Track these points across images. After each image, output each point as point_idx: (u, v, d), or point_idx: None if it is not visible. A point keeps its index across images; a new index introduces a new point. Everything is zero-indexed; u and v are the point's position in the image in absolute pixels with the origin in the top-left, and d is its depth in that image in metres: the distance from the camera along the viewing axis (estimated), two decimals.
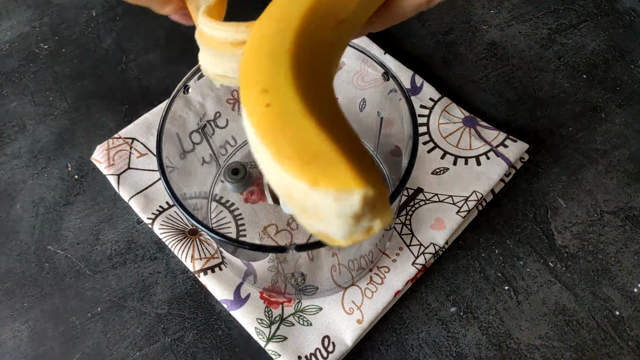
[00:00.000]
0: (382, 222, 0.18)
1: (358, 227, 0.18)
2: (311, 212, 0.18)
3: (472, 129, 0.46)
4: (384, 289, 0.39)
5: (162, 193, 0.44)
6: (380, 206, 0.18)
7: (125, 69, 0.53)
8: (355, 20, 0.24)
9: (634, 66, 0.51)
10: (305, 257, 0.34)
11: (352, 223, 0.18)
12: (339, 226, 0.18)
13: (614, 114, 0.48)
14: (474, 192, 0.42)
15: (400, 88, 0.35)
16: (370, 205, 0.18)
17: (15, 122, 0.50)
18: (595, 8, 0.55)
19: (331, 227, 0.18)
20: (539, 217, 0.43)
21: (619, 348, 0.38)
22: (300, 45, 0.21)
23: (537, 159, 0.46)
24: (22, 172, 0.47)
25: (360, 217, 0.18)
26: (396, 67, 0.50)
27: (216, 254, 0.41)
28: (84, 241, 0.43)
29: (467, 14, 0.55)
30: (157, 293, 0.41)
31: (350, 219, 0.18)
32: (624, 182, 0.45)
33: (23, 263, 0.43)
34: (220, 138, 0.44)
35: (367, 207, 0.17)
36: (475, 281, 0.41)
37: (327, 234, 0.19)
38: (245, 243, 0.30)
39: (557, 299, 0.40)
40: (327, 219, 0.18)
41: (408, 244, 0.41)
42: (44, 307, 0.41)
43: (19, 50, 0.55)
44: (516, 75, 0.51)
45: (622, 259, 0.41)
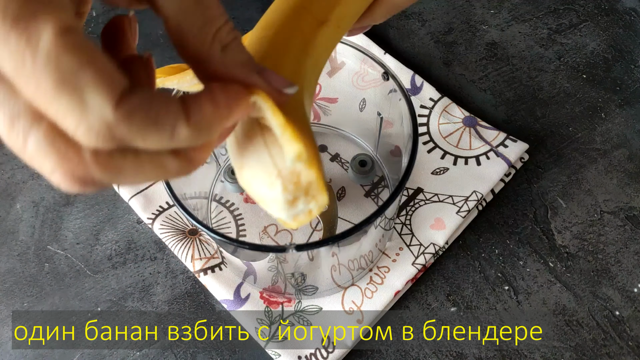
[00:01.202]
0: (317, 205, 0.21)
1: (295, 209, 0.21)
2: (259, 199, 0.22)
3: (472, 129, 0.46)
4: (384, 289, 0.39)
5: (162, 193, 0.44)
6: (312, 191, 0.21)
7: None
8: (339, 22, 0.25)
9: (634, 66, 0.51)
10: (305, 257, 0.34)
11: (288, 207, 0.21)
12: (278, 210, 0.22)
13: (614, 114, 0.48)
14: (474, 192, 0.42)
15: (400, 88, 0.35)
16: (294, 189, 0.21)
17: None
18: (595, 8, 0.55)
19: (276, 210, 0.22)
20: (539, 217, 0.43)
21: (619, 348, 0.38)
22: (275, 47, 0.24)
23: (537, 159, 0.46)
24: (22, 172, 0.47)
25: (293, 202, 0.21)
26: (396, 67, 0.50)
27: (216, 254, 0.41)
28: (84, 241, 0.43)
29: (467, 14, 0.55)
30: (157, 293, 0.41)
31: (286, 205, 0.21)
32: (624, 182, 0.45)
33: (23, 263, 0.43)
34: None
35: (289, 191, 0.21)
36: (475, 281, 0.41)
37: (280, 217, 0.22)
38: (245, 243, 0.30)
39: (557, 299, 0.40)
40: (269, 204, 0.22)
41: (408, 244, 0.41)
42: (44, 307, 0.41)
43: None
44: (516, 75, 0.51)
45: (622, 259, 0.41)
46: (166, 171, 0.18)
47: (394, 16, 0.55)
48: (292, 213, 0.22)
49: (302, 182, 0.21)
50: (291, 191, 0.21)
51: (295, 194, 0.21)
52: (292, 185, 0.21)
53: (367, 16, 0.27)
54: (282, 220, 0.22)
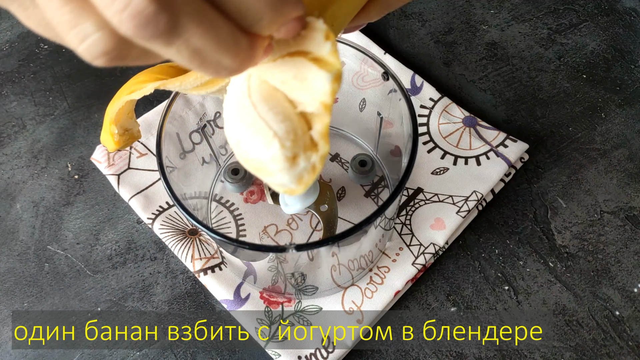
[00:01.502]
0: (319, 156, 0.21)
1: (297, 168, 0.21)
2: (260, 167, 0.22)
3: (472, 129, 0.46)
4: (384, 289, 0.39)
5: (162, 193, 0.44)
6: (309, 143, 0.21)
7: (125, 69, 0.53)
8: (333, 22, 0.25)
9: (634, 66, 0.51)
10: (305, 257, 0.34)
11: (289, 165, 0.21)
12: (280, 170, 0.21)
13: (614, 114, 0.48)
14: (474, 192, 0.42)
15: (400, 88, 0.35)
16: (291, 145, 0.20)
17: (15, 122, 0.50)
18: (595, 8, 0.55)
19: (277, 175, 0.21)
20: (539, 217, 0.43)
21: (619, 348, 0.38)
22: None
23: (537, 159, 0.46)
24: (22, 172, 0.47)
25: (293, 160, 0.21)
26: (396, 67, 0.50)
27: (216, 254, 0.41)
28: (84, 241, 0.43)
29: (467, 14, 0.55)
30: (157, 293, 0.41)
31: (286, 163, 0.21)
32: (624, 182, 0.45)
33: (23, 263, 0.43)
34: (220, 138, 0.44)
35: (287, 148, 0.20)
36: (475, 281, 0.41)
37: (284, 185, 0.22)
38: (245, 243, 0.30)
39: (557, 299, 0.40)
40: (269, 168, 0.21)
41: (408, 244, 0.41)
42: (44, 307, 0.41)
43: (19, 50, 0.55)
44: (516, 75, 0.51)
45: (622, 259, 0.41)
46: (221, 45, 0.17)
47: (394, 16, 0.55)
48: (294, 174, 0.21)
49: (299, 136, 0.21)
50: (289, 148, 0.20)
51: (294, 150, 0.21)
52: (290, 142, 0.20)
53: (362, 15, 0.27)
54: (288, 190, 0.22)
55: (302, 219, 0.43)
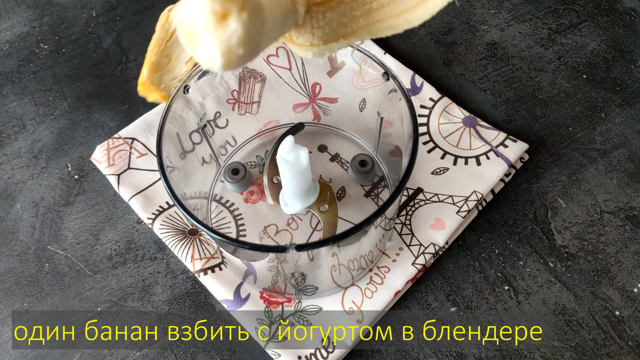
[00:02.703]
0: (240, 16, 0.18)
1: (226, 29, 0.18)
2: (190, 31, 0.19)
3: (472, 129, 0.46)
4: (384, 289, 0.39)
5: (162, 193, 0.44)
6: (237, 1, 0.18)
7: (125, 69, 0.53)
8: None
9: (634, 66, 0.51)
10: (305, 257, 0.34)
11: (214, 20, 0.18)
12: (205, 27, 0.18)
13: (614, 114, 0.48)
14: (474, 192, 0.42)
15: (400, 88, 0.35)
16: None
17: (15, 122, 0.50)
18: (595, 8, 0.55)
19: (203, 38, 0.18)
20: (539, 217, 0.43)
21: (619, 348, 0.38)
22: None
23: (537, 159, 0.46)
24: (22, 172, 0.47)
25: (222, 16, 0.18)
26: (396, 67, 0.50)
27: (216, 254, 0.41)
28: (84, 241, 0.43)
29: (467, 14, 0.56)
30: (157, 293, 0.41)
31: (211, 16, 0.18)
32: (624, 182, 0.45)
33: (23, 263, 0.43)
34: (220, 138, 0.44)
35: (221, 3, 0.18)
36: (475, 281, 0.41)
37: (207, 52, 0.19)
38: (245, 243, 0.30)
39: (557, 299, 0.40)
40: (196, 27, 0.18)
41: (408, 244, 0.41)
42: (44, 307, 0.41)
43: (19, 50, 0.55)
44: (516, 75, 0.51)
45: (622, 259, 0.41)
46: None
47: None
48: (222, 37, 0.18)
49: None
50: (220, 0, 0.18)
51: (226, 5, 0.18)
52: None
53: None
54: (208, 57, 0.19)
55: (302, 219, 0.43)
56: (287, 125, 0.46)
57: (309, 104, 0.46)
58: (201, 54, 0.19)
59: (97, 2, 0.58)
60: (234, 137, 0.45)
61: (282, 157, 0.35)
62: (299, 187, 0.38)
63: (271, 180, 0.42)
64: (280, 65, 0.44)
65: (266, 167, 0.42)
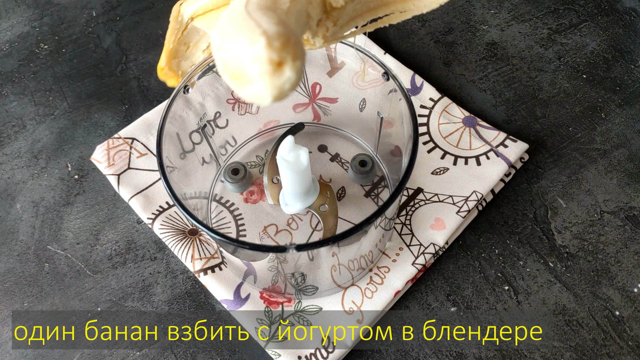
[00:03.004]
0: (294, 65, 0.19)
1: (281, 76, 0.19)
2: (240, 73, 0.19)
3: (472, 129, 0.46)
4: (384, 289, 0.39)
5: (162, 193, 0.44)
6: (292, 49, 0.19)
7: (125, 69, 0.53)
8: None
9: (634, 66, 0.51)
10: (305, 257, 0.34)
11: (273, 71, 0.18)
12: (260, 75, 0.18)
13: (614, 114, 0.48)
14: (474, 192, 0.42)
15: (400, 88, 0.35)
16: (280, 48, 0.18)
17: (15, 122, 0.50)
18: (595, 8, 0.55)
19: (256, 82, 0.19)
20: (539, 217, 0.43)
21: (619, 348, 0.38)
22: None
23: (537, 159, 0.46)
24: (22, 172, 0.47)
25: (278, 64, 0.18)
26: (396, 67, 0.50)
27: (216, 254, 0.41)
28: (84, 241, 0.43)
29: (467, 14, 0.56)
30: (157, 293, 0.41)
31: (270, 65, 0.18)
32: (624, 182, 0.45)
33: (23, 263, 0.43)
34: (220, 138, 0.44)
35: (275, 49, 0.18)
36: (475, 281, 0.41)
37: (258, 94, 0.19)
38: (245, 243, 0.30)
39: (557, 299, 0.40)
40: (249, 72, 0.19)
41: (408, 244, 0.41)
42: (44, 307, 0.41)
43: (19, 50, 0.55)
44: (516, 75, 0.51)
45: (622, 259, 0.41)
46: None
47: None
48: (277, 83, 0.19)
49: (291, 42, 0.18)
50: (277, 49, 0.18)
51: (282, 55, 0.18)
52: (279, 44, 0.18)
53: None
54: (258, 98, 0.19)
55: (302, 219, 0.43)
56: (287, 125, 0.46)
57: (309, 104, 0.46)
58: (250, 94, 0.20)
59: (97, 2, 0.58)
60: (234, 137, 0.45)
61: (282, 157, 0.35)
62: (299, 187, 0.38)
63: (271, 180, 0.42)
64: None
65: (266, 167, 0.42)
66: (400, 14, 0.26)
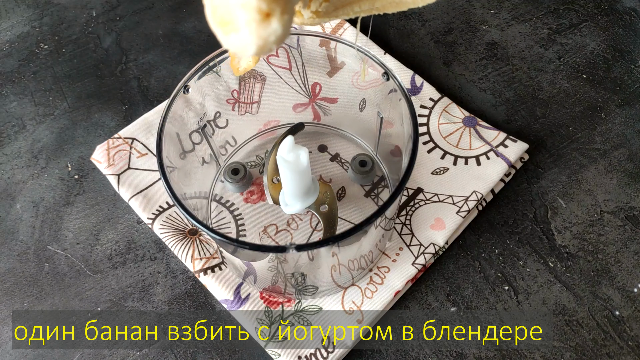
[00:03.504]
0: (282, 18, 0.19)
1: (268, 28, 0.19)
2: (227, 20, 0.19)
3: (472, 129, 0.46)
4: (384, 289, 0.39)
5: (162, 193, 0.44)
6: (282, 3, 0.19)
7: (125, 69, 0.53)
8: None
9: (634, 66, 0.51)
10: (305, 257, 0.34)
11: (260, 20, 0.18)
12: (248, 23, 0.18)
13: (614, 114, 0.48)
14: (474, 192, 0.42)
15: (400, 88, 0.35)
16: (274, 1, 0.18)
17: (15, 122, 0.50)
18: (595, 8, 0.55)
19: (242, 30, 0.19)
20: (539, 217, 0.43)
21: (619, 348, 0.38)
22: None
23: (537, 159, 0.46)
24: (22, 172, 0.47)
25: (266, 15, 0.18)
26: (396, 67, 0.50)
27: (216, 254, 0.41)
28: (84, 241, 0.43)
29: (467, 14, 0.56)
30: (157, 293, 0.41)
31: (257, 14, 0.18)
32: (624, 182, 0.45)
33: (23, 263, 0.43)
34: (220, 138, 0.44)
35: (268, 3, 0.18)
36: (475, 281, 0.41)
37: (243, 42, 0.19)
38: (245, 243, 0.30)
39: (557, 299, 0.40)
40: (236, 19, 0.19)
41: (408, 244, 0.41)
42: (44, 307, 0.41)
43: (19, 50, 0.55)
44: (516, 75, 0.51)
45: (622, 259, 0.41)
46: None
47: (394, 16, 0.55)
48: (263, 34, 0.19)
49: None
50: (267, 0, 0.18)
51: (271, 6, 0.18)
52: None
53: None
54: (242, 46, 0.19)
55: (302, 219, 0.43)
56: (287, 125, 0.46)
57: (309, 104, 0.46)
58: (234, 42, 0.20)
59: (97, 2, 0.58)
60: (234, 137, 0.45)
61: (282, 157, 0.35)
62: (299, 187, 0.38)
63: (271, 180, 0.42)
64: (280, 65, 0.44)
65: (266, 167, 0.42)
66: (397, 4, 0.25)
